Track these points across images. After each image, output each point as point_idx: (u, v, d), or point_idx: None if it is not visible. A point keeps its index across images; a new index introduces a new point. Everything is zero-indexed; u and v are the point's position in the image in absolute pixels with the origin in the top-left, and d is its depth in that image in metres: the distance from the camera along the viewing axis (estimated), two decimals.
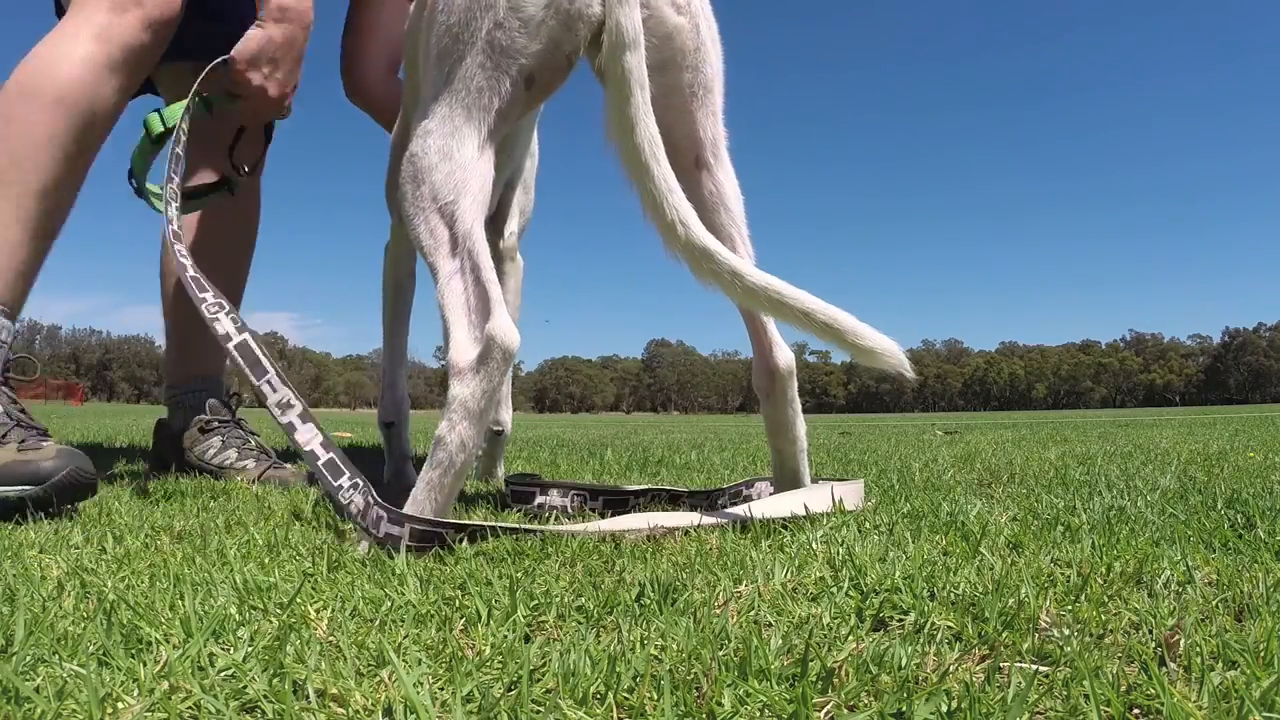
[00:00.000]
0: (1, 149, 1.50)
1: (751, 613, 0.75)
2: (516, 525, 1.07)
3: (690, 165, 1.27)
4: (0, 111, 1.51)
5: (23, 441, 1.35)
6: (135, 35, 1.58)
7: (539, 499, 1.40)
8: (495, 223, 1.95)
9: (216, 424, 2.01)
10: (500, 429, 1.98)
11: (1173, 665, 0.62)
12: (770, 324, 1.31)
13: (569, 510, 1.40)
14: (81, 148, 1.57)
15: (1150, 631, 0.69)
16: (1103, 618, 0.73)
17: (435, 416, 1.05)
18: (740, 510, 1.22)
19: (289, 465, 2.05)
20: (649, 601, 0.77)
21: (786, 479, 1.37)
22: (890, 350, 1.05)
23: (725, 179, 1.29)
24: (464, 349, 1.03)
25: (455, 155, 1.10)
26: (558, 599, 0.79)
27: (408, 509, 1.03)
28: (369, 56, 2.06)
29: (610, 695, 0.55)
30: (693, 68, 1.22)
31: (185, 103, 1.61)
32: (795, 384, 1.33)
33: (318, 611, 0.75)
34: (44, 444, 1.35)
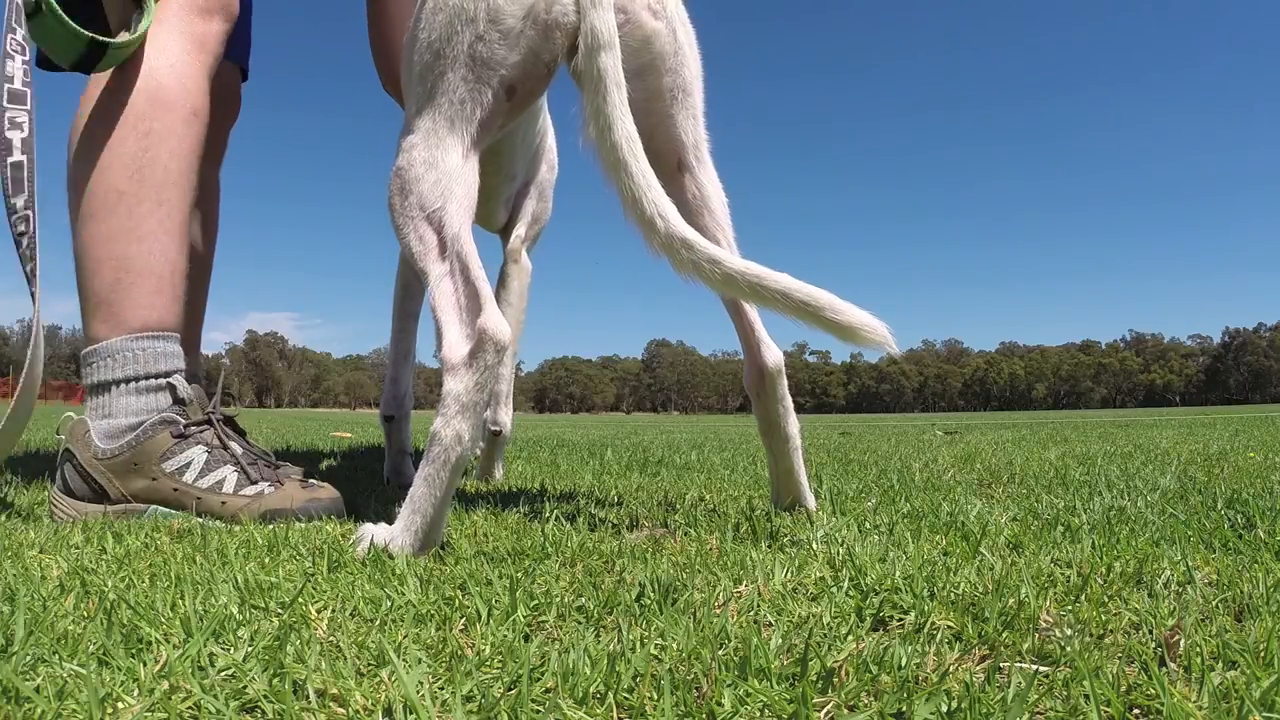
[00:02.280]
0: (154, 165, 1.43)
1: (751, 613, 0.75)
2: None
3: (673, 169, 1.29)
4: (137, 125, 1.43)
5: (298, 478, 1.42)
6: (219, 42, 1.56)
7: None
8: (505, 229, 1.98)
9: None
10: (499, 429, 1.98)
11: (1173, 665, 0.62)
12: (759, 324, 1.33)
13: None
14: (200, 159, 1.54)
15: (1150, 631, 0.69)
16: (1103, 618, 0.73)
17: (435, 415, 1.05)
18: None
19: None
20: (649, 601, 0.77)
21: (781, 477, 1.38)
22: (870, 325, 1.04)
23: (708, 181, 1.30)
24: (456, 345, 1.04)
25: (440, 164, 1.12)
26: (558, 599, 0.79)
27: (406, 505, 1.03)
28: (391, 45, 2.02)
29: (610, 695, 0.55)
30: (672, 71, 1.25)
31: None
32: (785, 382, 1.34)
33: (318, 611, 0.75)
34: (311, 480, 1.42)
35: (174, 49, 1.48)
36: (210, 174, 1.97)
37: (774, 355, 1.32)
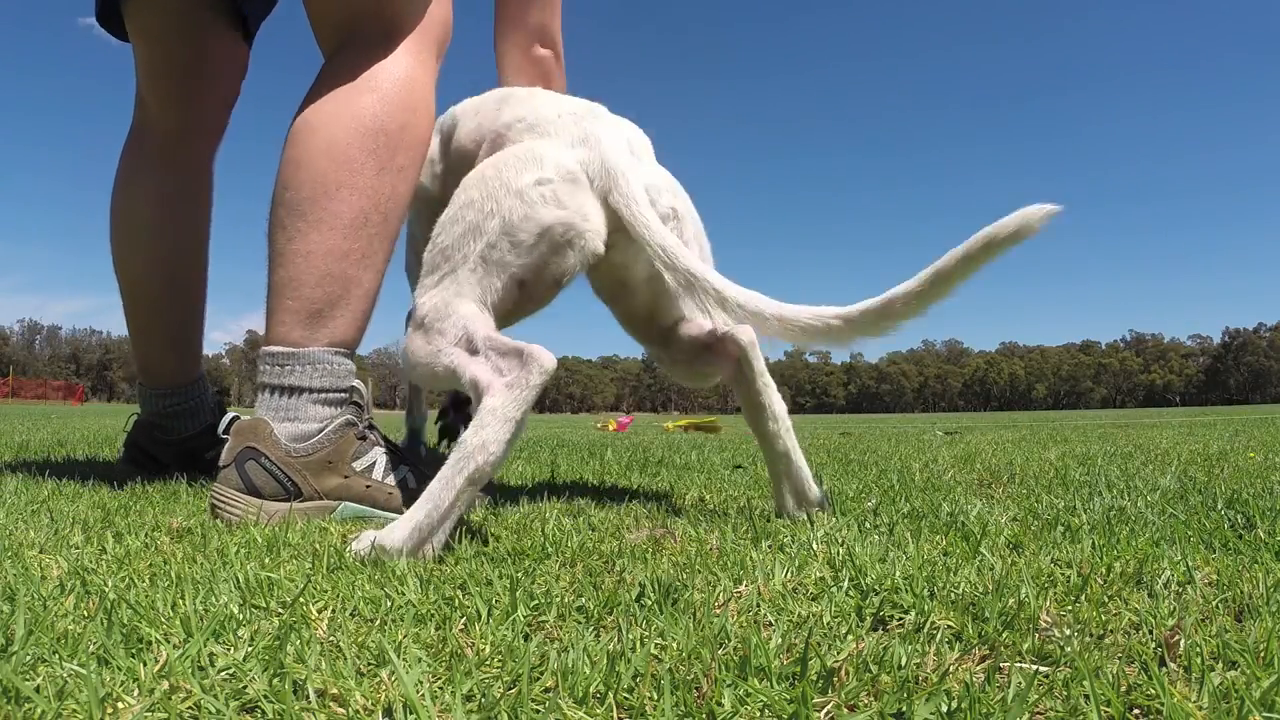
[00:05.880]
0: (398, 201, 1.45)
1: (751, 612, 0.75)
2: None
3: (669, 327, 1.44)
4: (394, 158, 1.43)
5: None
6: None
7: None
8: None
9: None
10: None
11: (1173, 665, 0.62)
12: (716, 309, 1.36)
13: None
14: None
15: (1150, 631, 0.69)
16: (1103, 618, 0.73)
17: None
18: None
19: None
20: (649, 601, 0.77)
21: (780, 462, 1.33)
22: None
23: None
24: (494, 379, 1.08)
25: (460, 309, 1.18)
26: (558, 599, 0.79)
27: (419, 502, 1.03)
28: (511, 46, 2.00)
29: (610, 695, 0.55)
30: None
31: None
32: (761, 356, 1.35)
33: (318, 611, 0.75)
34: None
35: (425, 91, 1.49)
36: (210, 153, 1.94)
37: (745, 330, 1.33)
